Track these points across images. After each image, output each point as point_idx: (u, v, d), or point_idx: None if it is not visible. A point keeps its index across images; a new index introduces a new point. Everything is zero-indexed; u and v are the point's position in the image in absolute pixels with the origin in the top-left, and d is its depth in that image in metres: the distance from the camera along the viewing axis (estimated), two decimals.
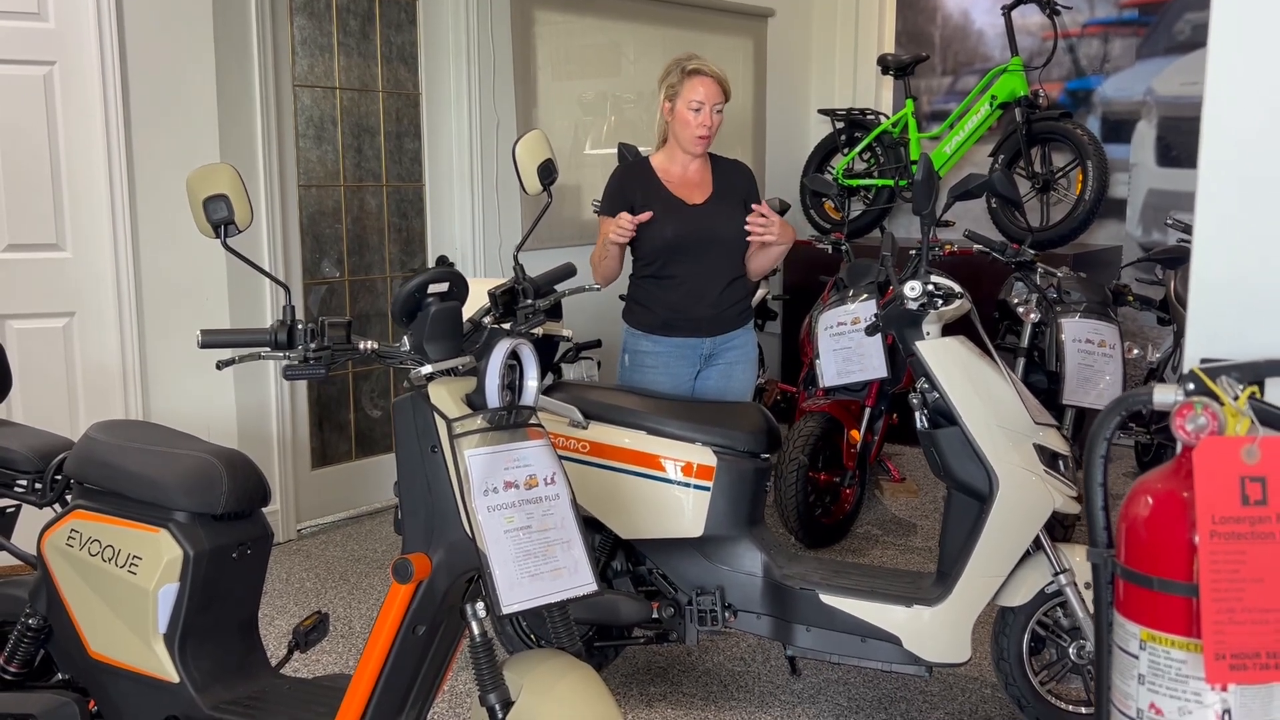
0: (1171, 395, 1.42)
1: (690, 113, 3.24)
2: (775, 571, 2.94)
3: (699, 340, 3.34)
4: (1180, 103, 5.70)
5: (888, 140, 5.98)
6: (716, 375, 3.38)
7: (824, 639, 2.91)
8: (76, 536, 2.31)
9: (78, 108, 3.95)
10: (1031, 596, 2.84)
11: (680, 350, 3.34)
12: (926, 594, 2.84)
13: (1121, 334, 4.12)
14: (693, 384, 3.39)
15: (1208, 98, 1.55)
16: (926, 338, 2.88)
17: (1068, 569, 2.80)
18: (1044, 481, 2.78)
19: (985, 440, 2.78)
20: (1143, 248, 5.80)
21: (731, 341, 3.39)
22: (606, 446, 3.00)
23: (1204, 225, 1.55)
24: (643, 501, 2.94)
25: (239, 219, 1.99)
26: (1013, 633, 2.90)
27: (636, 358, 3.37)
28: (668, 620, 3.03)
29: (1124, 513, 1.45)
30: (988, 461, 2.77)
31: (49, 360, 4.01)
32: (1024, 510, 2.76)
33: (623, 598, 2.91)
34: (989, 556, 2.78)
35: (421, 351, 2.01)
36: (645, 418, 2.99)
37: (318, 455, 4.74)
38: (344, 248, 4.78)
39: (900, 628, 2.82)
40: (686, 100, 3.24)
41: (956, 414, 2.80)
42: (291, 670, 3.35)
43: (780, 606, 2.93)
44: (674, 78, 3.27)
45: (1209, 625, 1.31)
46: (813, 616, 2.90)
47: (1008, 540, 2.77)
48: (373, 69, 4.80)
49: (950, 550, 2.89)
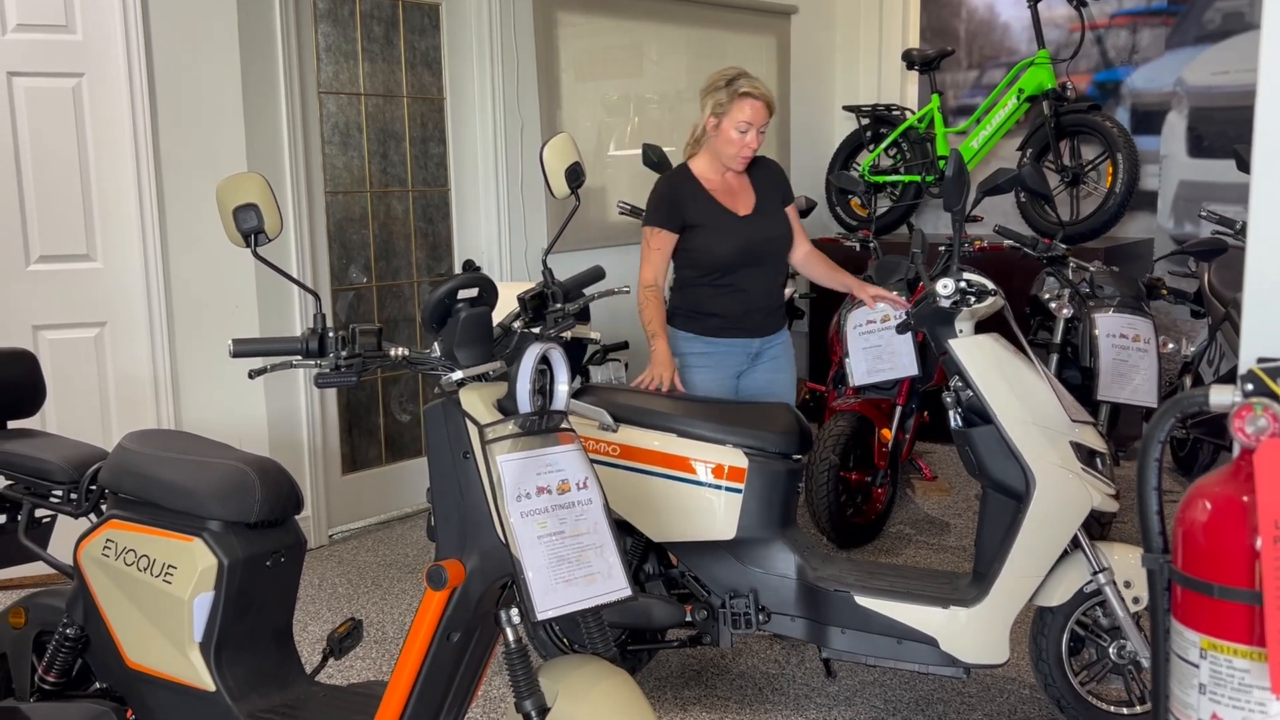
0: (1229, 396, 1.38)
1: (736, 134, 3.26)
2: (809, 573, 2.92)
3: (749, 340, 3.40)
4: (1211, 93, 5.63)
5: (914, 136, 5.93)
6: (763, 372, 3.44)
7: (859, 641, 2.88)
8: (112, 546, 2.32)
9: (106, 119, 3.97)
10: (1070, 596, 2.80)
11: (731, 350, 3.39)
12: (963, 595, 2.81)
13: (1156, 328, 4.07)
14: (736, 382, 3.44)
15: (1261, 92, 1.51)
16: (960, 335, 2.85)
17: (1106, 568, 2.76)
18: (1081, 479, 2.74)
19: (1021, 439, 2.75)
20: (1174, 240, 5.72)
21: (777, 340, 3.48)
22: (637, 449, 2.98)
23: (1259, 223, 1.51)
24: (674, 504, 2.93)
25: (269, 228, 1.98)
26: (1051, 633, 2.86)
27: (687, 359, 3.39)
28: (701, 623, 3.01)
29: (1180, 517, 1.42)
30: (1024, 460, 2.74)
31: (81, 370, 4.04)
32: (1062, 509, 2.72)
33: (656, 601, 2.89)
34: (1027, 556, 2.74)
35: (452, 358, 2.01)
36: (675, 420, 2.97)
37: (348, 461, 4.75)
38: (371, 253, 4.79)
39: (937, 629, 2.79)
40: (735, 121, 3.25)
41: (991, 412, 2.77)
42: (326, 677, 3.35)
43: (814, 609, 2.91)
44: (722, 96, 3.26)
45: (1274, 633, 1.27)
46: (847, 619, 2.87)
47: (1046, 540, 2.73)
48: (397, 74, 4.81)
49: (986, 550, 2.86)
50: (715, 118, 3.28)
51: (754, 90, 3.26)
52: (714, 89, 3.28)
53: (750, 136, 3.26)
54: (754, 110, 3.24)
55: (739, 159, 3.30)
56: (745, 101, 3.23)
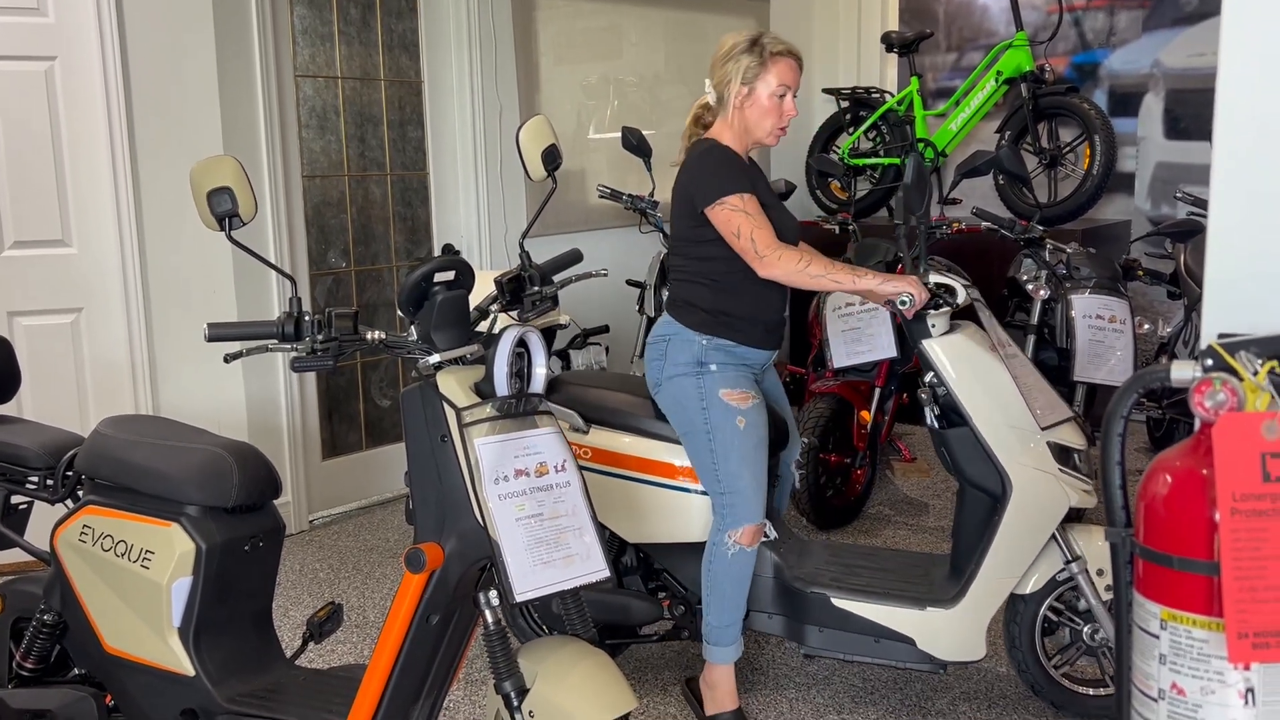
0: (1190, 371, 1.40)
1: (775, 100, 2.81)
2: (786, 573, 2.92)
3: (773, 352, 2.97)
4: (1188, 74, 5.65)
5: (893, 118, 5.94)
6: (771, 377, 3.10)
7: (837, 640, 2.89)
8: (89, 532, 2.32)
9: (79, 102, 3.94)
10: (1043, 585, 2.83)
11: (758, 361, 2.93)
12: (941, 594, 2.82)
13: (1132, 309, 4.10)
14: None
15: (1222, 69, 1.53)
16: (933, 334, 2.79)
17: (1080, 556, 2.78)
18: (1058, 481, 2.73)
19: (996, 441, 2.72)
20: (1151, 222, 5.76)
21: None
22: (609, 452, 2.96)
23: (1220, 200, 1.53)
24: (647, 507, 2.92)
25: (243, 211, 1.98)
26: (1024, 621, 2.88)
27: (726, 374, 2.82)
28: (679, 618, 3.03)
29: (1143, 491, 1.44)
30: (1000, 464, 2.72)
31: (57, 356, 4.01)
32: (1038, 511, 2.72)
33: (633, 598, 2.91)
34: (1004, 558, 2.75)
35: (429, 341, 2.01)
36: (646, 421, 2.94)
37: (328, 446, 4.74)
38: (349, 238, 4.77)
39: (914, 629, 2.80)
40: (770, 86, 2.78)
41: (966, 414, 2.74)
42: (306, 661, 3.36)
43: (792, 607, 2.92)
44: (750, 60, 2.78)
45: (1231, 604, 1.29)
46: (825, 619, 2.88)
47: (1022, 542, 2.74)
48: (374, 58, 4.78)
49: (963, 544, 2.86)
50: (745, 86, 2.78)
51: (786, 47, 2.81)
52: (735, 54, 2.79)
53: (788, 102, 2.83)
54: (790, 70, 2.80)
55: (776, 132, 2.85)
56: (780, 61, 2.78)
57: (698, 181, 2.77)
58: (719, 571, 2.80)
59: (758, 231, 2.70)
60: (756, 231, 2.70)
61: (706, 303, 2.83)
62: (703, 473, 2.83)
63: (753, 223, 2.70)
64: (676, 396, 2.85)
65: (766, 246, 2.70)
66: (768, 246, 2.70)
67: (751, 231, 2.70)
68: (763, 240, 2.70)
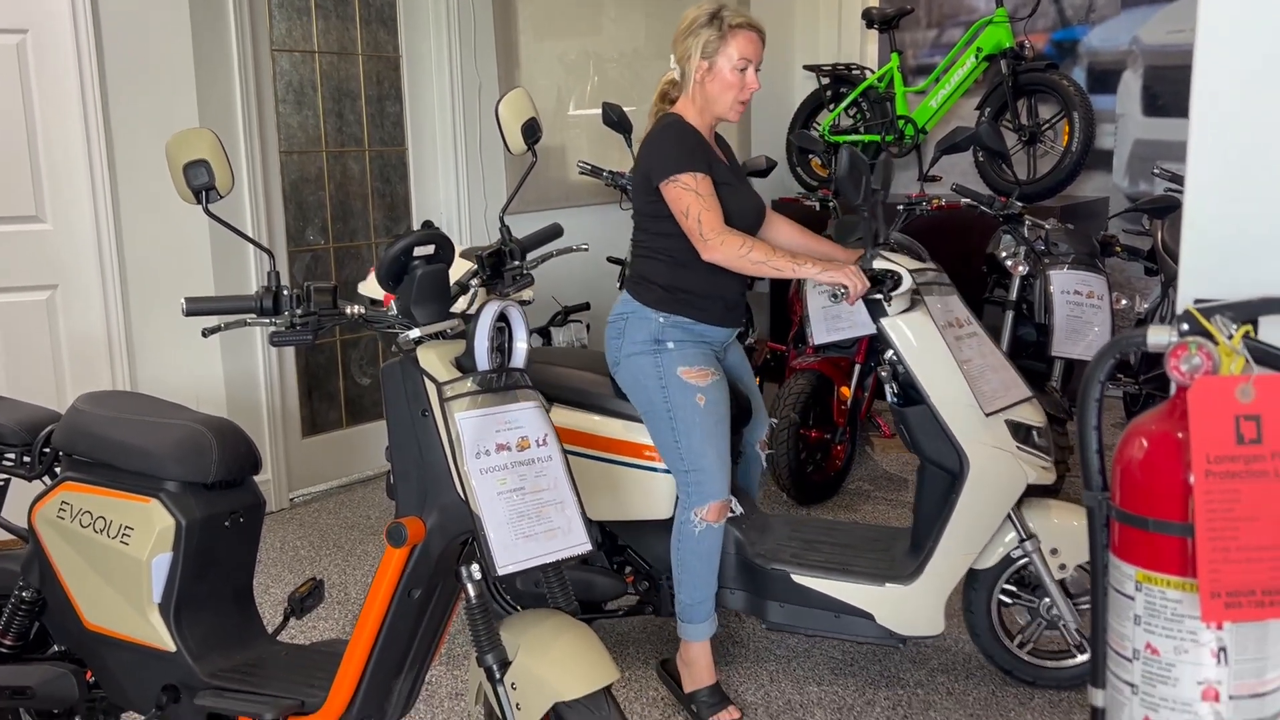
0: (1166, 336, 1.42)
1: (736, 74, 2.76)
2: (747, 549, 2.94)
3: (733, 330, 2.97)
4: (1166, 51, 5.67)
5: (874, 95, 5.94)
6: (735, 354, 3.10)
7: (798, 615, 2.91)
8: (67, 509, 2.30)
9: (52, 76, 3.89)
10: (996, 561, 2.87)
11: (718, 338, 2.93)
12: (899, 570, 2.85)
13: (1109, 285, 4.12)
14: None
15: (1200, 36, 1.53)
16: (890, 312, 2.79)
17: (1034, 535, 2.82)
18: (1016, 459, 2.76)
19: (954, 420, 2.75)
20: (1129, 198, 5.79)
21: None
22: (572, 431, 2.96)
23: (1197, 166, 1.54)
24: (610, 485, 2.93)
25: (220, 184, 1.96)
26: (979, 606, 2.93)
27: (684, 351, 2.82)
28: (644, 593, 3.05)
29: (1119, 455, 1.46)
30: (957, 442, 2.75)
31: (33, 333, 3.97)
32: (996, 490, 2.75)
33: (597, 574, 2.92)
34: (961, 535, 2.78)
35: (409, 315, 2.00)
36: (609, 400, 2.94)
37: (308, 424, 4.73)
38: (328, 214, 4.74)
39: (873, 605, 2.83)
40: (730, 59, 2.75)
41: (923, 392, 2.76)
42: (288, 637, 3.36)
43: (753, 583, 2.94)
44: (710, 34, 2.76)
45: (1204, 564, 1.32)
46: (785, 594, 2.90)
47: (980, 519, 2.77)
48: (351, 32, 4.74)
49: (923, 520, 2.90)
50: (706, 60, 2.76)
51: (746, 20, 2.78)
52: (695, 28, 2.78)
53: (750, 75, 2.77)
54: (750, 43, 2.76)
55: (737, 106, 2.80)
56: (740, 34, 2.75)
57: (654, 157, 2.76)
58: (687, 549, 2.81)
59: (705, 214, 2.70)
60: (704, 214, 2.70)
61: (664, 279, 2.82)
62: (666, 451, 2.82)
63: (702, 204, 2.70)
64: (635, 375, 2.84)
65: (711, 229, 2.69)
66: (712, 229, 2.69)
67: (700, 213, 2.70)
68: (709, 222, 2.69)
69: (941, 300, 2.88)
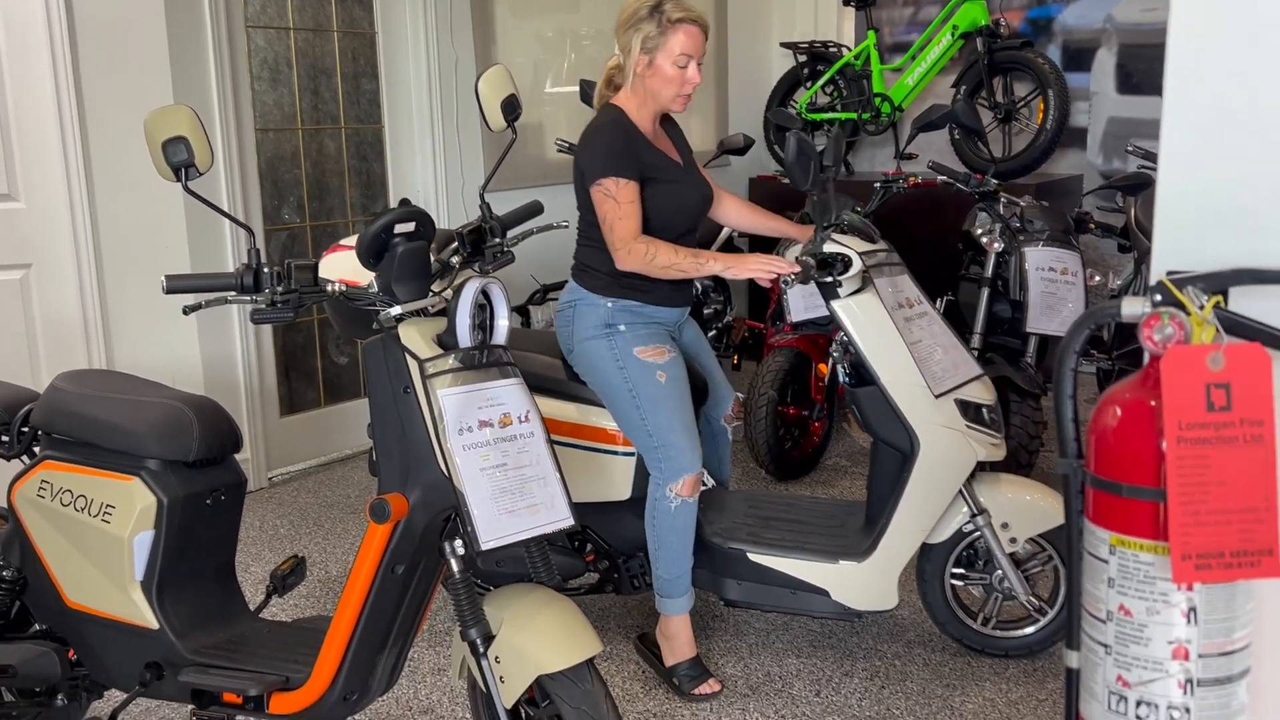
0: (1140, 307, 1.46)
1: (675, 69, 2.76)
2: (705, 529, 2.98)
3: (684, 309, 3.01)
4: (1140, 29, 5.71)
5: (850, 73, 5.95)
6: (690, 332, 3.11)
7: (755, 592, 2.96)
8: (47, 487, 2.30)
9: (23, 52, 3.84)
10: (949, 536, 2.92)
11: (671, 318, 2.96)
12: (854, 548, 2.89)
13: (1084, 261, 4.16)
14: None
15: (1173, 14, 1.56)
16: (840, 294, 2.82)
17: (985, 510, 2.87)
18: (965, 437, 2.80)
19: (904, 401, 2.79)
20: (1103, 176, 5.84)
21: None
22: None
23: (1170, 143, 1.57)
24: (571, 467, 2.95)
25: (199, 161, 1.96)
26: (933, 577, 2.98)
27: (635, 332, 2.86)
28: (604, 572, 3.08)
29: (1093, 423, 1.49)
30: (908, 422, 2.79)
31: (7, 313, 3.94)
32: (946, 468, 2.80)
33: (556, 553, 2.96)
34: (912, 513, 2.83)
35: (390, 293, 2.00)
36: (564, 384, 2.96)
37: (286, 403, 4.72)
38: (304, 192, 4.71)
39: (828, 582, 2.88)
40: (671, 55, 2.74)
41: (873, 373, 2.80)
42: (270, 614, 3.36)
43: (711, 561, 2.98)
44: (650, 27, 2.74)
45: (1176, 527, 1.36)
46: (743, 573, 2.95)
47: (931, 497, 2.82)
48: (327, 8, 4.70)
49: (876, 498, 2.95)
50: (646, 54, 2.76)
51: (687, 14, 2.76)
52: (636, 21, 2.76)
53: (691, 70, 2.77)
54: (691, 38, 2.75)
55: (680, 99, 2.81)
56: (680, 29, 2.74)
57: (585, 157, 2.78)
58: (663, 526, 2.83)
59: (619, 222, 2.73)
60: (618, 222, 2.73)
61: (607, 266, 2.84)
62: (632, 432, 2.83)
63: (618, 212, 2.72)
64: (591, 360, 2.86)
65: (621, 240, 2.73)
66: (622, 240, 2.73)
67: (614, 221, 2.73)
68: (619, 231, 2.72)
69: (892, 282, 2.90)
